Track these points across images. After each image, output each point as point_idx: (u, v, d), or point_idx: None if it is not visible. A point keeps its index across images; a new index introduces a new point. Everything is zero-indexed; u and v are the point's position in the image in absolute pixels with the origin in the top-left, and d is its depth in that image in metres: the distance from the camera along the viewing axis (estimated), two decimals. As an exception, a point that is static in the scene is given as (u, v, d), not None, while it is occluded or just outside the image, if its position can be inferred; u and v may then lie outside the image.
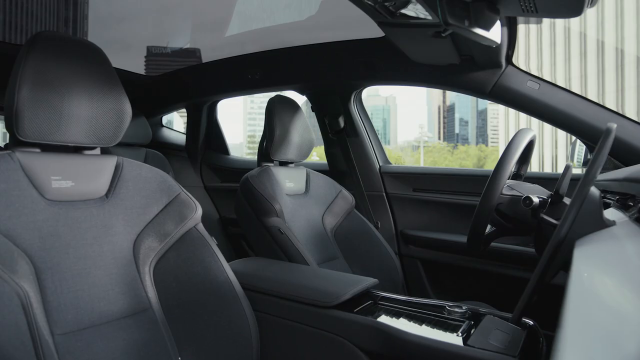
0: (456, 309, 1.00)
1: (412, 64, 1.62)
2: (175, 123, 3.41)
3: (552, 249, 0.70)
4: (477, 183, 1.79)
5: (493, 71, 1.53)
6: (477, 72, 1.55)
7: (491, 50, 1.37)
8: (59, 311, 0.83)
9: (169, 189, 1.04)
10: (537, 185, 1.16)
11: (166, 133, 2.87)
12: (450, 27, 0.90)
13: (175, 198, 1.03)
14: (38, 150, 0.90)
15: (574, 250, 0.67)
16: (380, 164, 2.05)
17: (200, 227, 1.05)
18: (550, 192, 1.09)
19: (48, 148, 0.91)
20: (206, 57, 2.25)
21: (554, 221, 0.98)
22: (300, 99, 2.05)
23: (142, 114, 2.42)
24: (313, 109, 2.16)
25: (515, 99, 1.52)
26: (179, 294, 0.99)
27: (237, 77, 2.18)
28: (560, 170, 1.17)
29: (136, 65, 2.38)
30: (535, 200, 1.00)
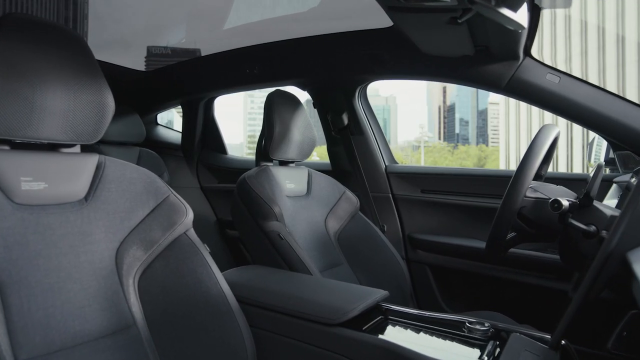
0: (477, 326, 0.89)
1: (422, 56, 1.52)
2: (176, 123, 3.30)
3: (601, 263, 0.60)
4: (489, 184, 1.70)
5: (509, 63, 1.42)
6: (492, 65, 1.45)
7: (509, 40, 1.27)
8: (25, 332, 0.72)
9: (157, 190, 0.94)
10: (561, 186, 1.07)
11: (161, 131, 2.78)
12: (475, 7, 0.80)
13: (163, 201, 0.93)
14: (7, 147, 0.80)
15: (632, 266, 0.57)
16: (387, 164, 1.95)
17: (192, 233, 0.95)
18: (575, 195, 1.00)
19: (19, 145, 0.82)
20: (203, 50, 2.16)
21: (583, 227, 0.89)
22: (301, 95, 1.96)
23: (136, 112, 2.33)
24: (315, 106, 2.06)
25: (533, 94, 1.42)
26: (166, 309, 0.89)
27: (235, 72, 2.08)
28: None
29: (137, 65, 2.31)
30: (565, 203, 0.90)
